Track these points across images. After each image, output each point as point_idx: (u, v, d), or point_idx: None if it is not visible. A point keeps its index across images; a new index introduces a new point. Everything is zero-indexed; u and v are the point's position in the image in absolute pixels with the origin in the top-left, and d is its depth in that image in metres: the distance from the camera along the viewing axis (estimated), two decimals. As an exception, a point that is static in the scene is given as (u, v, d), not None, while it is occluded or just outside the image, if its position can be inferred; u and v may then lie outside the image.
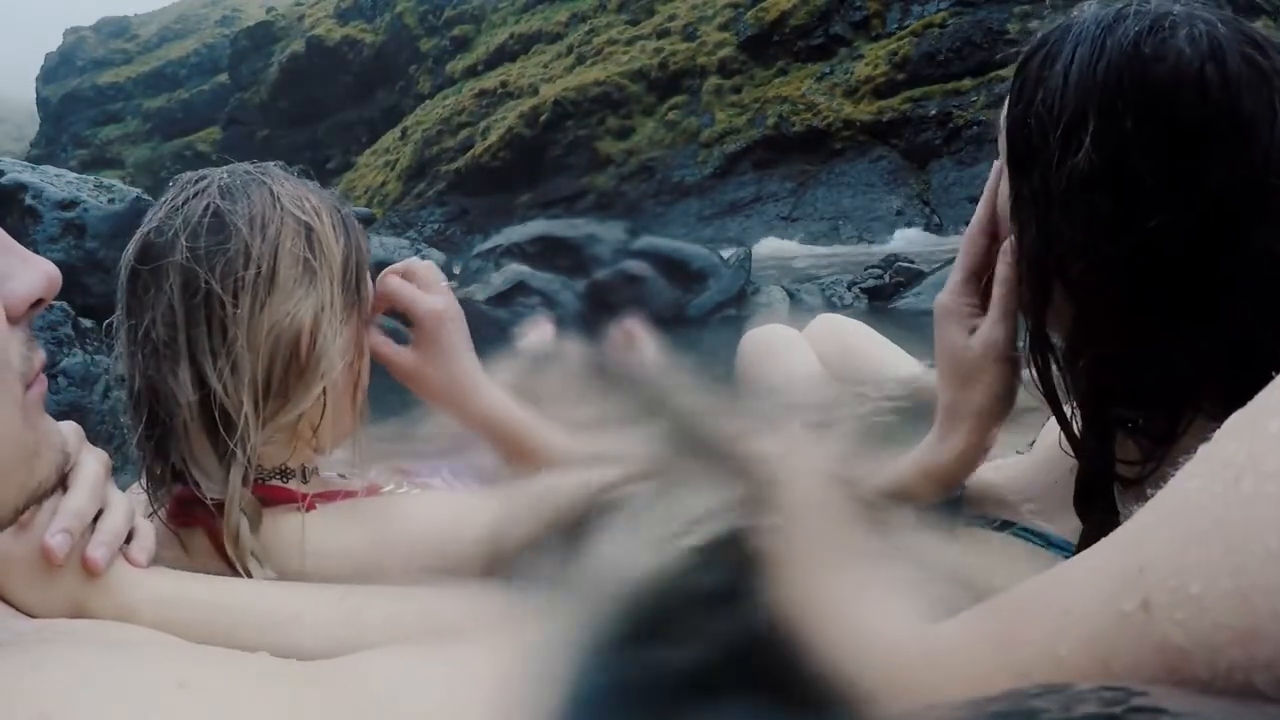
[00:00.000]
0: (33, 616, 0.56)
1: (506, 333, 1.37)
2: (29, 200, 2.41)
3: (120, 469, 0.74)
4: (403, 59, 27.83)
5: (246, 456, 0.69)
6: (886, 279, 4.63)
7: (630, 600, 0.52)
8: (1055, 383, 0.68)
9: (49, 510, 0.56)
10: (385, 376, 0.86)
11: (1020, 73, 0.67)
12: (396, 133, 25.18)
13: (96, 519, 0.60)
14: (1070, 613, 0.34)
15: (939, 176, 13.76)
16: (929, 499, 0.78)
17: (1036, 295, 0.66)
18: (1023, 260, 0.67)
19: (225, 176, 0.73)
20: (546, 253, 4.76)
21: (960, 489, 0.82)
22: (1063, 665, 0.34)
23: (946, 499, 0.80)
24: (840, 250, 11.82)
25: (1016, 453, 0.90)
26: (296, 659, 0.46)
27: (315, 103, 29.50)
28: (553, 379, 1.10)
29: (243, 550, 0.68)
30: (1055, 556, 0.72)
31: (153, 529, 0.66)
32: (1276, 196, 0.57)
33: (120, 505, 0.62)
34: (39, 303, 0.45)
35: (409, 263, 0.89)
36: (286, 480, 0.76)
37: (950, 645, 0.42)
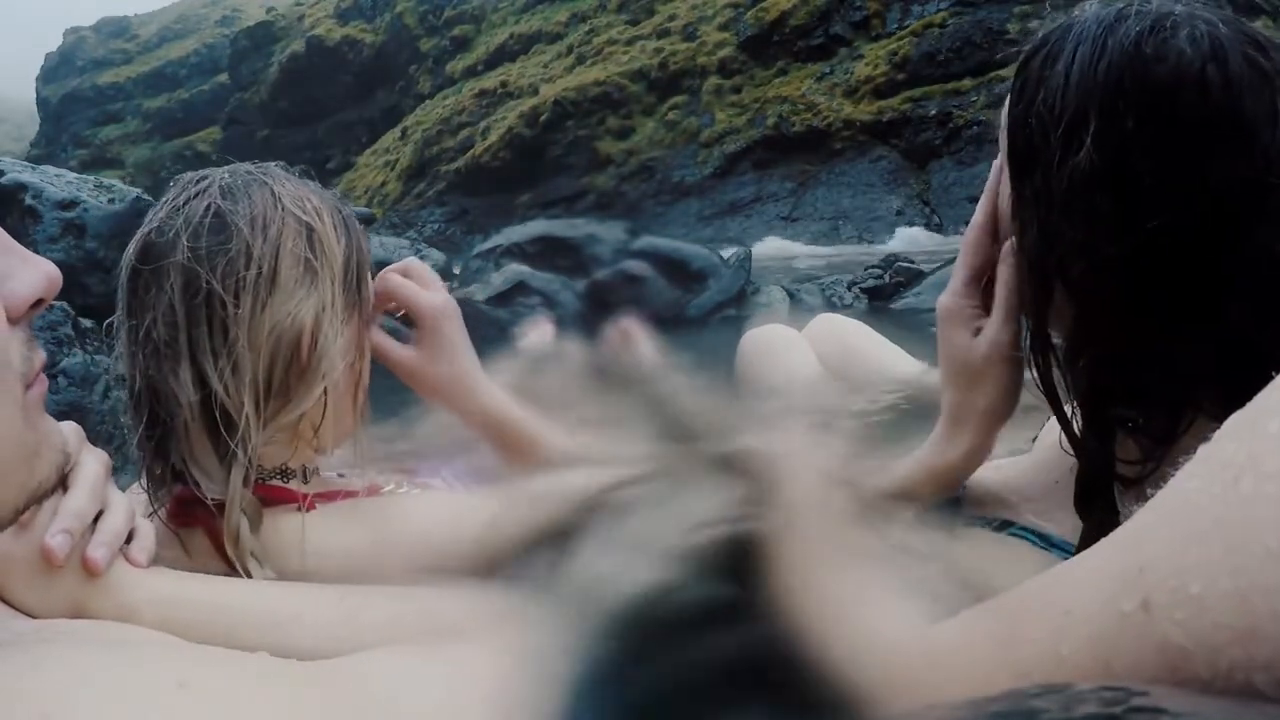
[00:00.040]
0: (33, 617, 0.56)
1: (506, 333, 1.37)
2: (29, 200, 2.41)
3: (120, 469, 0.74)
4: (403, 59, 27.84)
5: (247, 456, 0.69)
6: (886, 279, 4.62)
7: (629, 600, 0.52)
8: (1056, 382, 0.68)
9: (49, 510, 0.56)
10: (385, 376, 0.86)
11: (1021, 72, 0.67)
12: (396, 133, 25.20)
13: (97, 519, 0.60)
14: (1071, 613, 0.34)
15: (939, 176, 13.77)
16: (931, 499, 0.78)
17: (1037, 295, 0.66)
18: (1023, 260, 0.67)
19: (226, 177, 0.73)
20: (546, 253, 4.76)
21: (960, 489, 0.82)
22: (1063, 665, 0.34)
23: (947, 499, 0.80)
24: (840, 250, 11.81)
25: (1022, 450, 0.90)
26: (296, 659, 0.46)
27: (315, 103, 29.52)
28: (552, 379, 1.10)
29: (243, 550, 0.68)
30: (1055, 556, 0.72)
31: (153, 529, 0.66)
32: (1277, 197, 0.57)
33: (120, 505, 0.62)
34: (39, 303, 0.45)
35: (407, 262, 0.89)
36: (287, 480, 0.76)
37: (951, 645, 0.42)
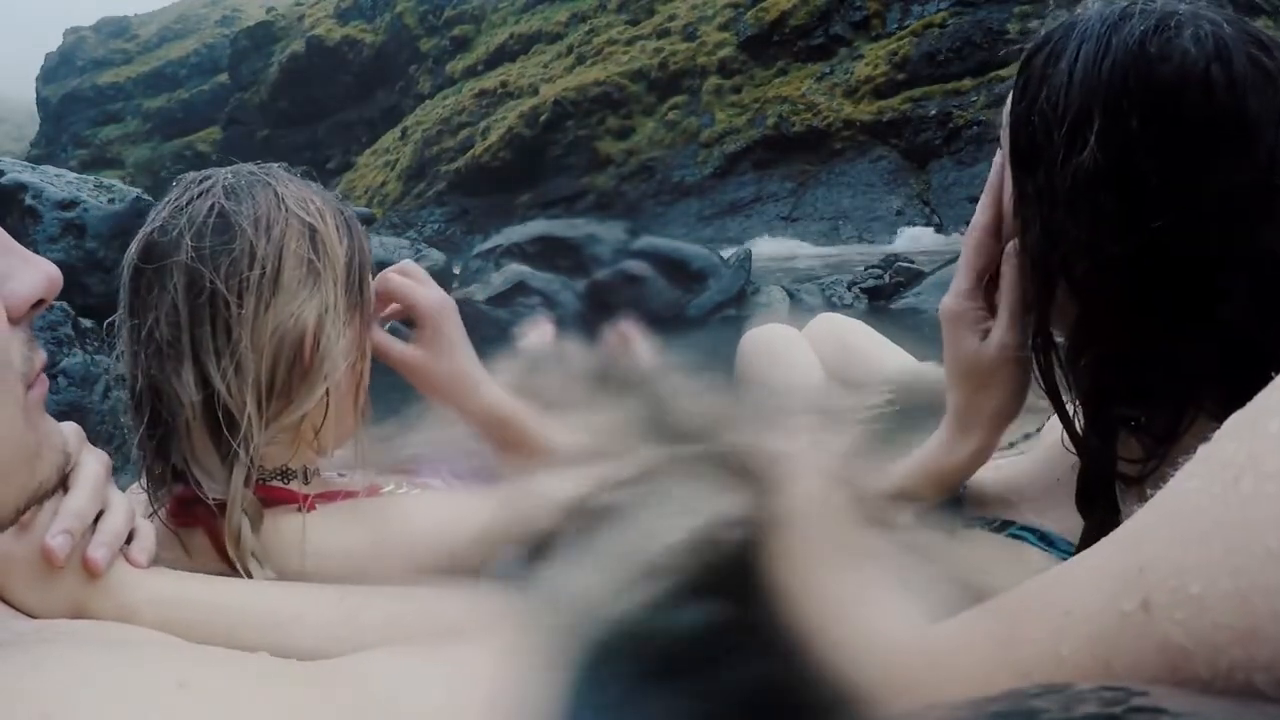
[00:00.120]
0: (33, 617, 0.56)
1: (506, 333, 1.38)
2: (29, 200, 2.41)
3: (120, 469, 0.74)
4: (403, 59, 27.84)
5: (249, 457, 0.69)
6: (886, 279, 4.62)
7: (629, 600, 0.52)
8: (1058, 381, 0.68)
9: (50, 511, 0.56)
10: (384, 376, 0.86)
11: (1024, 70, 0.66)
12: (396, 133, 25.21)
13: (97, 520, 0.60)
14: (1071, 613, 0.34)
15: (939, 176, 13.77)
16: (934, 499, 0.78)
17: (1040, 293, 0.66)
18: (1025, 258, 0.67)
19: (230, 177, 0.74)
20: (546, 253, 4.76)
21: (961, 489, 0.82)
22: (1064, 665, 0.34)
23: (947, 499, 0.80)
24: (840, 250, 11.81)
25: (1019, 444, 0.90)
26: (297, 659, 0.46)
27: (315, 103, 29.52)
28: (552, 379, 1.11)
29: (244, 550, 0.68)
30: (1056, 556, 0.72)
31: (153, 529, 0.66)
32: None
33: (121, 506, 0.62)
34: (40, 303, 0.45)
35: (404, 264, 0.90)
36: (287, 481, 0.76)
37: (951, 645, 0.42)
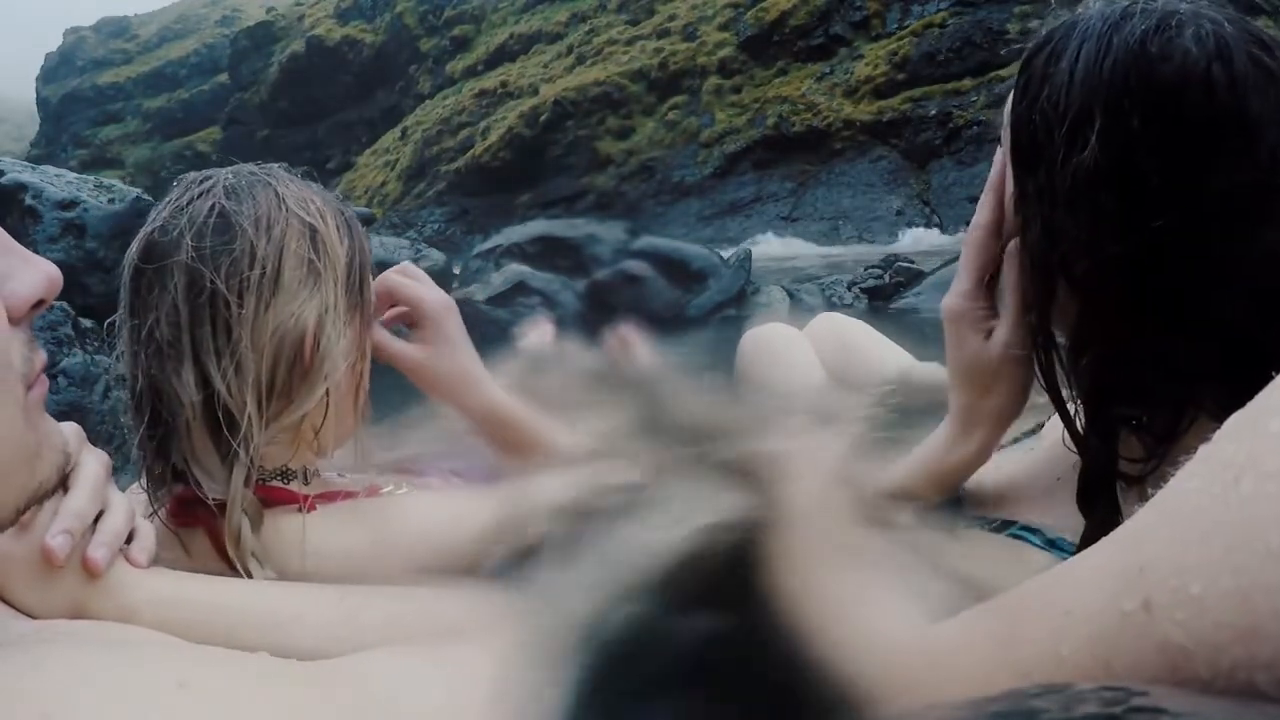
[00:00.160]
0: (33, 617, 0.56)
1: (506, 333, 1.38)
2: (29, 200, 2.41)
3: (120, 469, 0.74)
4: (403, 59, 27.83)
5: (249, 457, 0.69)
6: (886, 279, 4.61)
7: (628, 600, 0.52)
8: (1059, 379, 0.68)
9: (50, 511, 0.56)
10: (385, 376, 0.86)
11: (1025, 69, 0.66)
12: (396, 133, 25.19)
13: (97, 520, 0.60)
14: (1071, 612, 0.34)
15: (939, 176, 13.76)
16: (934, 499, 0.78)
17: (1040, 292, 0.66)
18: (1026, 257, 0.67)
19: (230, 177, 0.74)
20: (546, 253, 4.75)
21: (961, 488, 0.82)
22: (1064, 665, 0.34)
23: (947, 498, 0.80)
24: (840, 250, 11.81)
25: (1022, 440, 0.90)
26: (297, 659, 0.46)
27: (315, 103, 29.51)
28: (552, 379, 1.11)
29: (244, 551, 0.68)
30: (1056, 556, 0.72)
31: (153, 529, 0.66)
32: None
33: (121, 506, 0.62)
34: (40, 303, 0.45)
35: (404, 265, 0.91)
36: (287, 481, 0.75)
37: (951, 645, 0.42)
